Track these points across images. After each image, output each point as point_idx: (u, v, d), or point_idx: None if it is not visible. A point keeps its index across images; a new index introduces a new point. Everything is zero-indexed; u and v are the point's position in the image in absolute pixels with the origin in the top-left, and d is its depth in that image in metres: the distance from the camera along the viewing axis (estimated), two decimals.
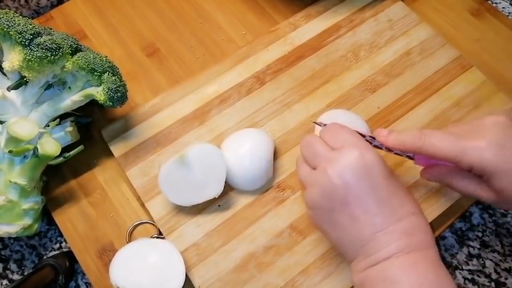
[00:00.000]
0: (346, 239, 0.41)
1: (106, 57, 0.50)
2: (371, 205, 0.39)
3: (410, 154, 0.46)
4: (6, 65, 0.47)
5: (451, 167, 0.44)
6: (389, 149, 0.46)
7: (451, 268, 0.52)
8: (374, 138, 0.46)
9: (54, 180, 0.54)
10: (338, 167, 0.40)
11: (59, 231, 0.53)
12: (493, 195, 0.41)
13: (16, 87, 0.48)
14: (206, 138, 0.54)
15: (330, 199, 0.40)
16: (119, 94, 0.49)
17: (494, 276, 0.52)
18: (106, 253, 0.50)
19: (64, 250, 0.53)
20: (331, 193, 0.40)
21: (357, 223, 0.39)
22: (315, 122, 0.50)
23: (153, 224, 0.51)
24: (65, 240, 0.53)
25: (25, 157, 0.48)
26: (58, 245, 0.53)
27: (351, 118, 0.53)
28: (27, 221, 0.48)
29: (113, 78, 0.49)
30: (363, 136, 0.45)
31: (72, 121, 0.53)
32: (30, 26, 0.46)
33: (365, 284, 0.39)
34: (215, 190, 0.48)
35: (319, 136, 0.44)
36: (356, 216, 0.39)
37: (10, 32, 0.45)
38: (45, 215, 0.53)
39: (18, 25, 0.46)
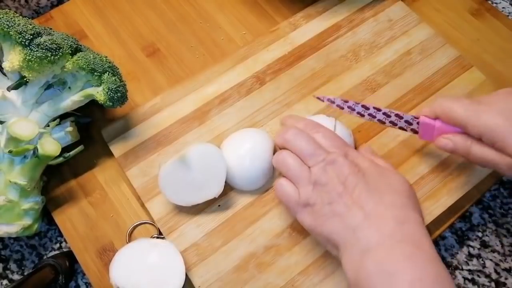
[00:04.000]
0: (340, 225, 0.41)
1: (106, 57, 0.50)
2: (362, 193, 0.41)
3: (415, 127, 0.46)
4: (6, 65, 0.47)
5: (468, 134, 0.44)
6: (393, 123, 0.47)
7: (451, 268, 0.52)
8: (379, 110, 0.46)
9: (54, 180, 0.54)
10: (335, 163, 0.43)
11: (59, 231, 0.53)
12: (507, 160, 0.42)
13: (16, 87, 0.48)
14: (206, 138, 0.54)
15: (328, 192, 0.42)
16: (119, 94, 0.49)
17: (494, 276, 0.52)
18: (106, 253, 0.50)
19: (64, 250, 0.53)
20: (330, 187, 0.42)
21: (350, 209, 0.41)
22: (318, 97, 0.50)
23: (153, 224, 0.51)
24: (65, 240, 0.53)
25: (25, 157, 0.48)
26: (58, 245, 0.53)
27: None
28: (27, 221, 0.48)
29: (113, 78, 0.49)
30: (368, 108, 0.46)
31: (72, 121, 0.53)
32: (30, 26, 0.46)
33: (360, 277, 0.38)
34: (215, 190, 0.48)
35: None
36: (349, 204, 0.41)
37: (10, 32, 0.45)
38: (45, 215, 0.53)
39: (18, 25, 0.46)
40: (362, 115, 0.48)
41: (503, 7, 0.68)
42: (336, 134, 0.47)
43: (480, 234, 0.54)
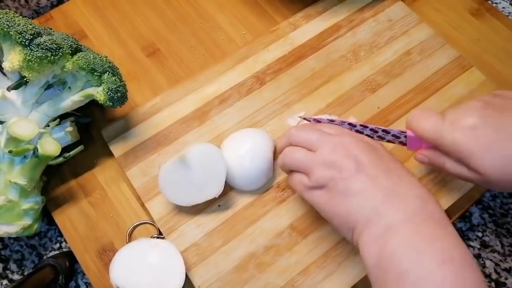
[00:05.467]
0: (358, 204, 0.39)
1: (106, 57, 0.50)
2: (381, 173, 0.40)
3: (403, 140, 0.46)
4: (6, 65, 0.47)
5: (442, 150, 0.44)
6: (381, 137, 0.47)
7: None
8: (365, 127, 0.46)
9: (54, 180, 0.54)
10: (345, 143, 0.41)
11: (59, 231, 0.53)
12: (477, 176, 0.41)
13: (16, 87, 0.48)
14: (206, 138, 0.54)
15: (342, 170, 0.40)
16: (119, 94, 0.49)
17: (494, 276, 0.52)
18: (106, 253, 0.50)
19: (64, 250, 0.53)
20: (343, 164, 0.40)
21: (370, 187, 0.39)
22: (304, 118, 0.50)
23: (153, 224, 0.51)
24: (65, 240, 0.53)
25: (25, 157, 0.48)
26: (58, 245, 0.53)
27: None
28: (27, 221, 0.48)
29: (113, 78, 0.49)
30: (354, 125, 0.46)
31: (72, 121, 0.53)
32: (30, 26, 0.46)
33: (384, 256, 0.36)
34: (215, 190, 0.48)
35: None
36: (368, 181, 0.39)
37: (10, 32, 0.45)
38: (45, 215, 0.53)
39: (18, 25, 0.46)
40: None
41: (503, 7, 0.68)
42: (342, 127, 0.46)
43: (480, 234, 0.54)
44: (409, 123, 0.45)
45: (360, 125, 0.46)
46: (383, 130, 0.46)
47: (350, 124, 0.47)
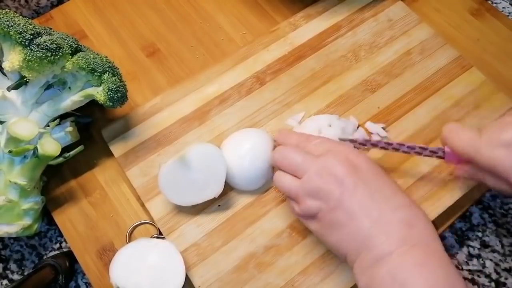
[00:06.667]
0: (347, 237, 0.40)
1: (106, 57, 0.50)
2: (365, 198, 0.40)
3: (440, 154, 0.46)
4: (6, 65, 0.47)
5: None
6: (418, 153, 0.47)
7: None
8: (402, 145, 0.47)
9: (54, 180, 0.54)
10: (327, 170, 0.41)
11: (59, 231, 0.53)
12: None
13: (16, 87, 0.48)
14: (206, 138, 0.54)
15: (327, 200, 0.40)
16: (119, 94, 0.49)
17: (494, 276, 0.52)
18: (106, 253, 0.50)
19: (64, 250, 0.53)
20: (327, 194, 0.40)
21: (355, 218, 0.39)
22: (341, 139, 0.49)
23: (153, 224, 0.51)
24: (65, 240, 0.53)
25: (25, 157, 0.48)
26: (58, 245, 0.53)
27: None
28: (27, 221, 0.48)
29: (113, 78, 0.49)
30: (390, 144, 0.47)
31: (72, 121, 0.53)
32: (30, 26, 0.46)
33: (372, 287, 0.38)
34: (215, 190, 0.48)
35: (294, 145, 0.45)
36: (353, 211, 0.40)
37: (10, 32, 0.45)
38: (45, 215, 0.53)
39: (18, 25, 0.46)
40: (386, 149, 0.48)
41: (503, 7, 0.68)
42: (329, 139, 0.46)
43: (480, 234, 0.54)
44: (444, 138, 0.45)
45: (397, 143, 0.46)
46: (420, 147, 0.46)
47: (386, 143, 0.47)
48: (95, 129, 0.56)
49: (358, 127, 0.54)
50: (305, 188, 0.42)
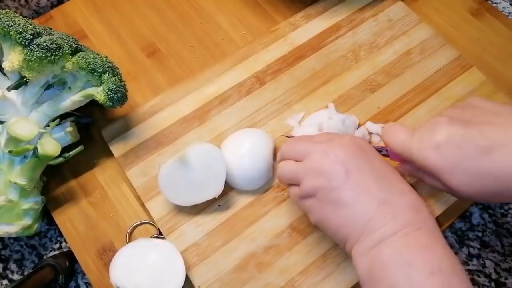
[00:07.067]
0: (349, 217, 0.39)
1: (106, 57, 0.50)
2: (371, 180, 0.39)
3: (384, 153, 0.46)
4: (6, 65, 0.47)
5: None
6: None
7: None
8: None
9: (54, 180, 0.54)
10: (333, 150, 0.41)
11: (59, 231, 0.53)
12: (451, 191, 0.41)
13: (16, 87, 0.48)
14: (206, 138, 0.54)
15: (330, 178, 0.40)
16: (119, 94, 0.49)
17: (494, 276, 0.52)
18: (106, 253, 0.50)
19: (64, 250, 0.53)
20: (331, 172, 0.40)
21: (360, 198, 0.39)
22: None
23: (153, 224, 0.51)
24: (65, 240, 0.53)
25: (25, 157, 0.48)
26: (58, 245, 0.53)
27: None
28: (27, 221, 0.48)
29: (113, 78, 0.49)
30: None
31: (72, 121, 0.53)
32: (30, 26, 0.46)
33: (374, 268, 0.37)
34: (214, 190, 0.48)
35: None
36: (359, 191, 0.39)
37: (10, 32, 0.45)
38: (45, 215, 0.53)
39: (18, 25, 0.46)
40: None
41: (503, 7, 0.68)
42: (333, 133, 0.47)
43: (480, 234, 0.54)
44: (382, 137, 0.46)
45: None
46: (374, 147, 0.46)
47: None
48: (95, 129, 0.56)
49: (358, 127, 0.54)
50: (308, 166, 0.41)
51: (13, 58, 0.46)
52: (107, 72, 0.49)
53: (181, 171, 0.48)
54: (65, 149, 0.51)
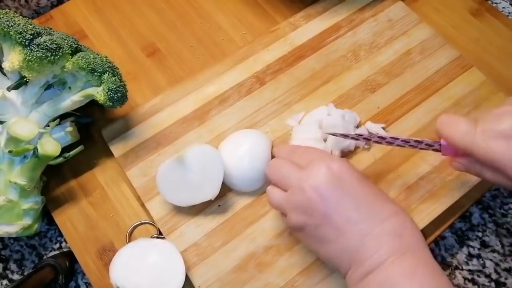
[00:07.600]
0: (337, 252, 0.40)
1: (106, 57, 0.50)
2: (351, 212, 0.39)
3: (436, 147, 0.45)
4: (6, 65, 0.47)
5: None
6: (413, 146, 0.46)
7: (451, 268, 0.52)
8: (396, 138, 0.46)
9: (54, 180, 0.54)
10: (310, 183, 0.40)
11: (59, 231, 0.53)
12: None
13: (16, 87, 0.48)
14: (206, 138, 0.54)
15: (312, 215, 0.40)
16: (119, 94, 0.49)
17: (494, 276, 0.52)
18: (106, 253, 0.50)
19: (64, 250, 0.53)
20: (311, 209, 0.40)
21: (343, 233, 0.39)
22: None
23: (153, 224, 0.51)
24: (65, 240, 0.53)
25: (25, 157, 0.48)
26: (58, 245, 0.53)
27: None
28: (27, 221, 0.48)
29: (113, 78, 0.49)
30: (384, 138, 0.46)
31: (72, 121, 0.53)
32: (30, 26, 0.46)
33: None
34: (211, 192, 0.48)
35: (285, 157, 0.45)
36: (341, 227, 0.39)
37: (10, 32, 0.45)
38: (45, 215, 0.53)
39: (18, 25, 0.46)
40: (380, 143, 0.47)
41: (503, 7, 0.68)
42: (313, 148, 0.47)
43: (480, 234, 0.54)
44: (439, 131, 0.43)
45: (391, 137, 0.46)
46: (415, 141, 0.45)
47: (380, 137, 0.46)
48: (95, 129, 0.56)
49: (358, 127, 0.54)
50: (290, 202, 0.42)
51: (13, 58, 0.46)
52: (107, 72, 0.49)
53: (179, 171, 0.48)
54: (65, 149, 0.51)
